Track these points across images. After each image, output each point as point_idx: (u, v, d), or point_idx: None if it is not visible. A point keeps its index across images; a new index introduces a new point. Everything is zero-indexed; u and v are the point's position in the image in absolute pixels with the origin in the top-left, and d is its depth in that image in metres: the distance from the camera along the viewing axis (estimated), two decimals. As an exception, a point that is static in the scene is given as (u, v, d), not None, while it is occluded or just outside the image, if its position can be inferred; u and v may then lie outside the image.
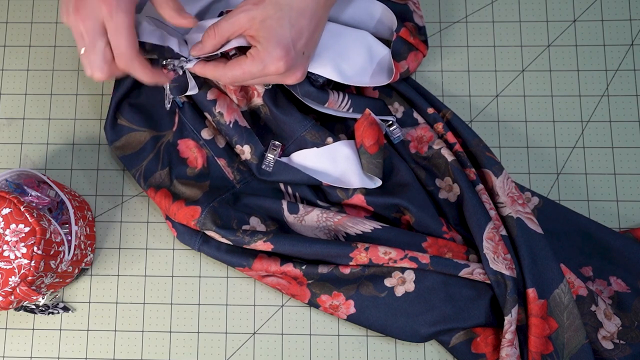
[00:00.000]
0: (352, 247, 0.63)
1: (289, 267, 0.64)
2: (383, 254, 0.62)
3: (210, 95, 0.66)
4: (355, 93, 0.69)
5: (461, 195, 0.65)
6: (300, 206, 0.66)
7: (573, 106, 0.72)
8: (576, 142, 0.72)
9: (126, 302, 0.69)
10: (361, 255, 0.63)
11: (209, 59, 0.59)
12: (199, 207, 0.64)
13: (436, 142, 0.67)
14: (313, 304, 0.65)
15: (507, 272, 0.61)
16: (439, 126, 0.68)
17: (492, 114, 0.72)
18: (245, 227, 0.65)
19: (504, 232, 0.64)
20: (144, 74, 0.55)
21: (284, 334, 0.68)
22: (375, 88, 0.70)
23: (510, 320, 0.60)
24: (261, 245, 0.63)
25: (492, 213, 0.64)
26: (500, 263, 0.62)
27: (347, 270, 0.64)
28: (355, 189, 0.65)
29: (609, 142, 0.71)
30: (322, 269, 0.64)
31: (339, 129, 0.69)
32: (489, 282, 0.62)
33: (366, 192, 0.65)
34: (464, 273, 0.62)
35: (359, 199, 0.65)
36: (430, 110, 0.68)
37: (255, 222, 0.66)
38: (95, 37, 0.52)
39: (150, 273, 0.69)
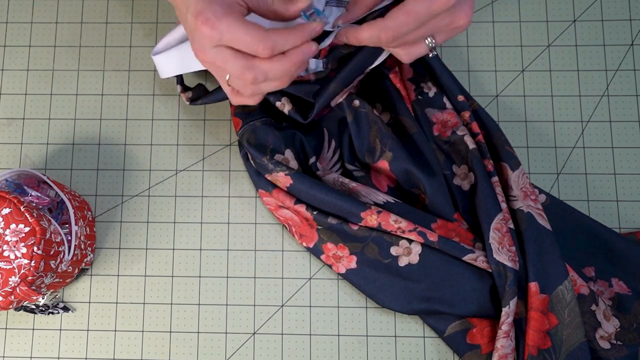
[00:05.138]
0: (365, 207, 0.64)
1: (302, 208, 0.65)
2: (393, 222, 0.63)
3: None
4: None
5: (475, 185, 0.66)
6: (320, 166, 0.68)
7: (573, 106, 0.72)
8: (576, 142, 0.72)
9: (126, 302, 0.69)
10: (372, 217, 0.63)
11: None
12: (240, 121, 0.66)
13: (460, 129, 0.68)
14: (317, 249, 0.66)
15: (509, 264, 0.61)
16: (466, 114, 0.68)
17: (492, 114, 0.72)
18: (278, 156, 0.66)
19: (511, 226, 0.64)
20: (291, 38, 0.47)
21: (284, 334, 0.68)
22: (411, 65, 0.70)
23: (507, 312, 0.61)
24: (282, 177, 0.64)
25: (504, 206, 0.64)
26: (503, 254, 0.62)
27: (355, 227, 0.65)
28: (380, 154, 0.66)
29: (609, 142, 0.71)
30: (332, 220, 0.65)
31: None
32: (491, 271, 0.63)
33: (392, 158, 0.65)
34: (467, 258, 0.63)
35: (383, 164, 0.66)
36: (461, 98, 0.69)
37: (289, 155, 0.67)
38: (226, 60, 0.47)
39: (150, 273, 0.69)
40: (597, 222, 0.68)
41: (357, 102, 0.67)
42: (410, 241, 0.64)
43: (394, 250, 0.65)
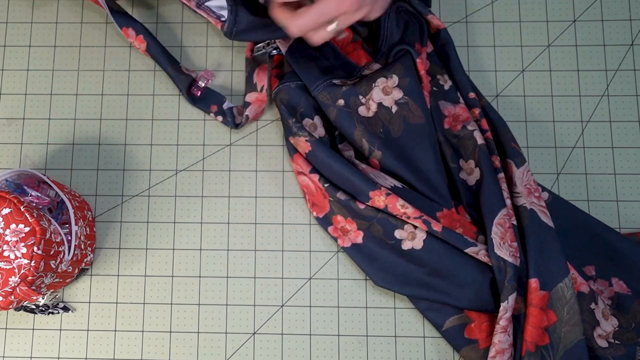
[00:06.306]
0: (375, 186, 0.64)
1: (315, 177, 0.67)
2: (400, 206, 0.64)
3: None
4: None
5: (480, 180, 0.66)
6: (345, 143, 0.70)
7: (573, 106, 0.72)
8: (576, 142, 0.72)
9: (126, 302, 0.69)
10: (380, 198, 0.64)
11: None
12: (277, 80, 0.69)
13: (471, 124, 0.68)
14: (327, 219, 0.68)
15: (509, 259, 0.62)
16: (476, 111, 0.69)
17: (492, 114, 0.72)
18: (307, 120, 0.68)
19: (514, 222, 0.64)
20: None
21: (284, 334, 0.68)
22: (427, 57, 0.71)
23: (505, 307, 0.61)
24: (302, 142, 0.66)
25: (508, 202, 0.65)
26: (505, 250, 0.62)
27: (362, 206, 0.66)
28: (370, 153, 0.67)
29: (609, 142, 0.71)
30: (341, 195, 0.66)
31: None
32: (491, 264, 0.63)
33: (381, 157, 0.66)
34: (470, 251, 0.63)
35: (374, 163, 0.67)
36: (472, 95, 0.69)
37: (318, 121, 0.69)
38: None
39: (150, 273, 0.69)
40: (599, 222, 0.68)
41: (341, 102, 0.67)
42: (415, 226, 0.65)
43: (398, 234, 0.65)
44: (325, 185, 0.66)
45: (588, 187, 0.70)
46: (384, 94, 0.68)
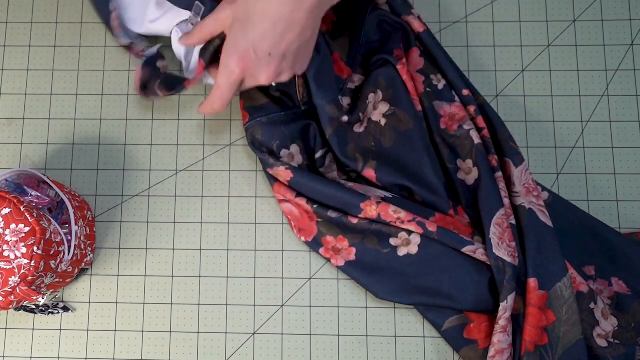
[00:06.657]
0: (364, 197, 0.64)
1: (302, 202, 0.66)
2: (393, 212, 0.64)
3: None
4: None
5: (479, 179, 0.66)
6: (327, 162, 0.69)
7: (573, 106, 0.72)
8: (576, 142, 0.72)
9: (126, 302, 0.69)
10: (371, 208, 0.64)
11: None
12: (248, 115, 0.68)
13: (467, 123, 0.68)
14: (317, 242, 0.67)
15: (508, 259, 0.62)
16: (472, 109, 0.68)
17: (492, 114, 0.72)
18: (284, 152, 0.67)
19: (513, 222, 0.64)
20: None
21: (284, 334, 0.68)
22: (421, 55, 0.70)
23: (505, 307, 0.61)
24: (282, 171, 0.66)
25: (506, 202, 0.65)
26: (503, 250, 0.62)
27: (355, 220, 0.65)
28: (365, 164, 0.67)
29: (609, 142, 0.71)
30: (332, 214, 0.66)
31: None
32: (489, 263, 0.63)
33: (376, 166, 0.66)
34: (467, 250, 0.63)
35: (369, 174, 0.67)
36: (466, 92, 0.69)
37: (295, 150, 0.68)
38: None
39: (150, 273, 0.69)
40: (599, 222, 0.68)
41: (345, 118, 0.68)
42: (409, 233, 0.65)
43: (392, 241, 0.65)
44: (315, 206, 0.66)
45: (588, 187, 0.70)
46: (373, 108, 0.68)
